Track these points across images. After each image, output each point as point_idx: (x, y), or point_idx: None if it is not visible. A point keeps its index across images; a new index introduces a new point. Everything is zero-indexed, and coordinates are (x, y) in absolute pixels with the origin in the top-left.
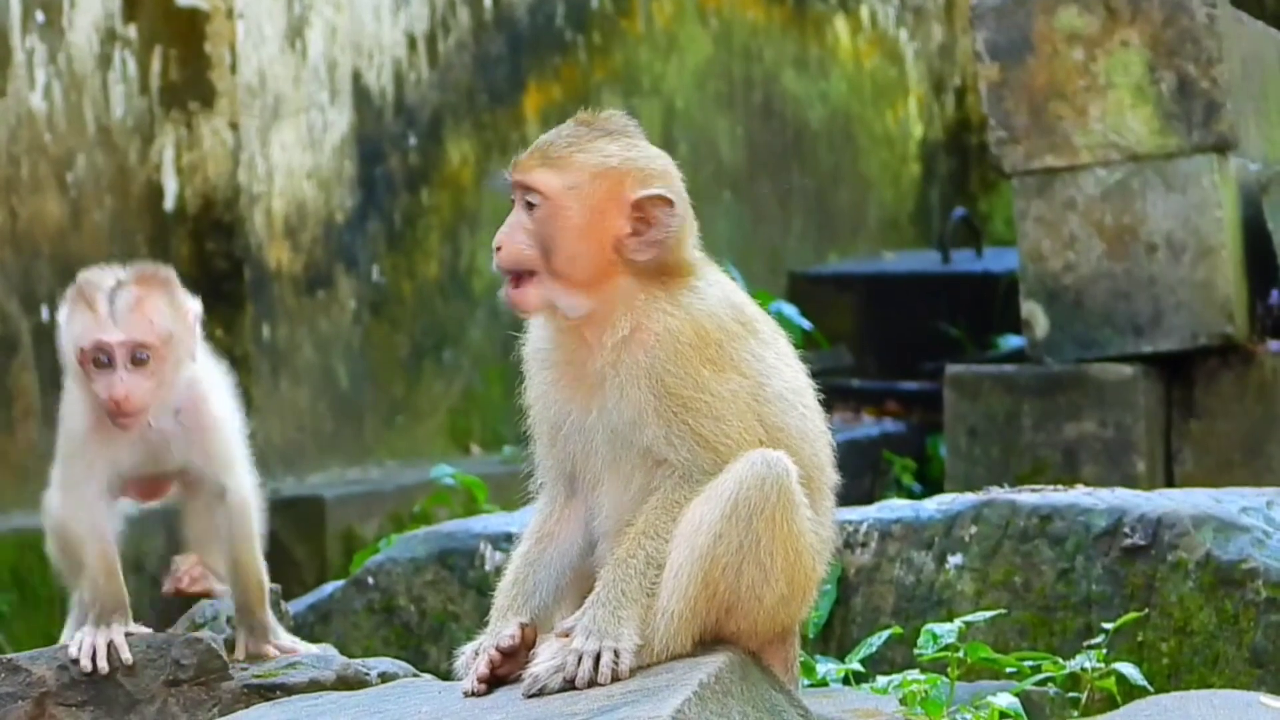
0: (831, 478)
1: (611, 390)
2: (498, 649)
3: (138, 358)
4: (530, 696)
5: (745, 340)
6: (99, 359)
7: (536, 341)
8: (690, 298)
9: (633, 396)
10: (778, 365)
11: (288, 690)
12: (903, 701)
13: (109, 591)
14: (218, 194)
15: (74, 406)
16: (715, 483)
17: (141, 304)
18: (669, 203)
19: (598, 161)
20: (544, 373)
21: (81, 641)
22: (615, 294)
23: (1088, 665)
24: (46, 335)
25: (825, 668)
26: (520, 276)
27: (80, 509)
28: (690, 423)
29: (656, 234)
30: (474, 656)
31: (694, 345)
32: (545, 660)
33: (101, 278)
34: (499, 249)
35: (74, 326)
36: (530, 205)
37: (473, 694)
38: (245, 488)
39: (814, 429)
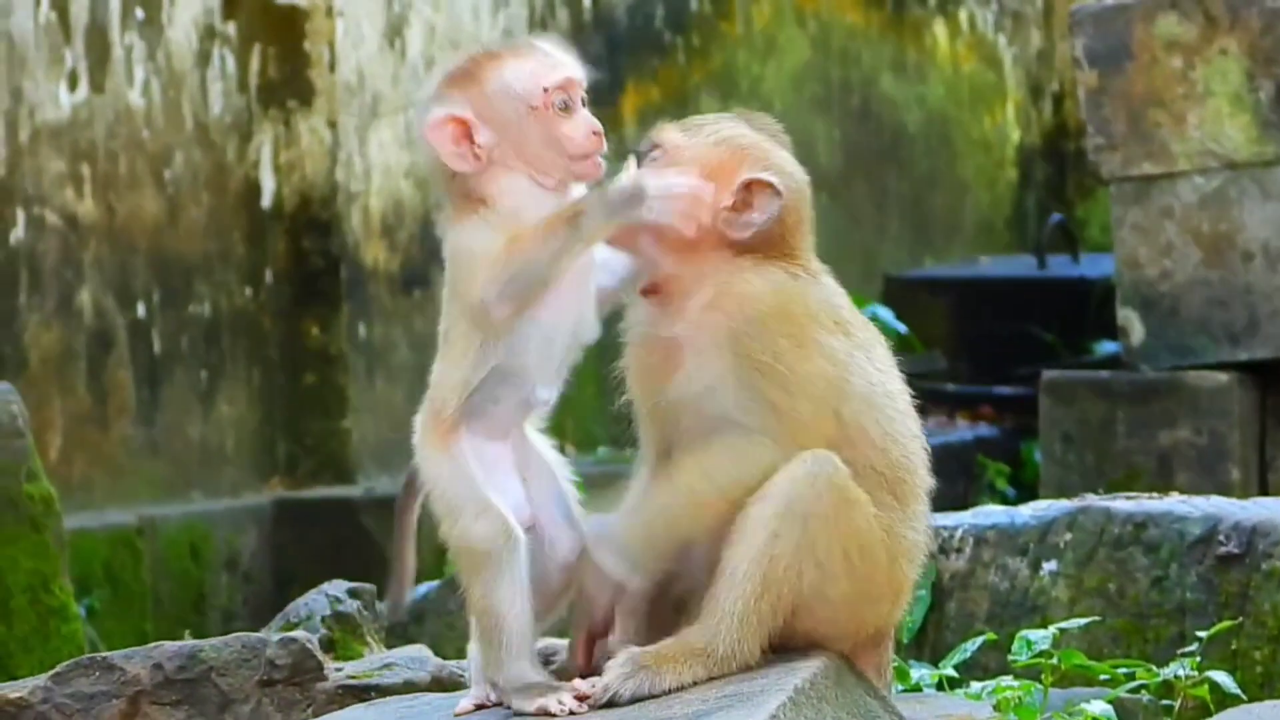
0: (924, 481)
1: (691, 356)
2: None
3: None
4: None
5: (834, 334)
6: (566, 103)
7: (629, 323)
8: (782, 278)
9: (711, 361)
10: (865, 366)
11: (382, 691)
12: (996, 708)
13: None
14: (315, 192)
15: (504, 188)
16: (769, 482)
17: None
18: (776, 192)
19: (724, 135)
20: (634, 349)
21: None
22: (704, 263)
23: (1181, 673)
24: (142, 332)
25: (919, 673)
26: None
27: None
28: (763, 388)
29: (755, 217)
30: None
31: (775, 317)
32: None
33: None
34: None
35: (524, 74)
36: (652, 160)
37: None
38: None
39: (903, 431)
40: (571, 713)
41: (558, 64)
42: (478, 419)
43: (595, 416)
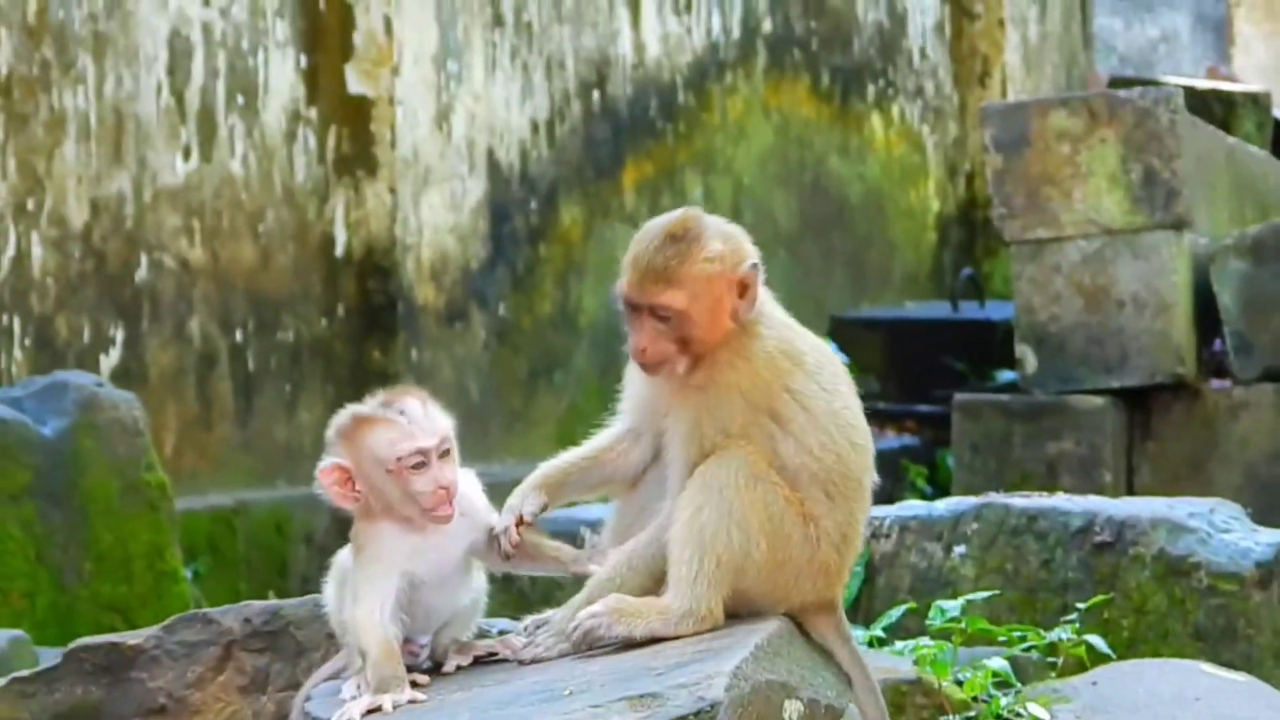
0: (861, 484)
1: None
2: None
3: (444, 451)
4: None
5: (792, 375)
6: (419, 463)
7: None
8: (758, 344)
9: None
10: (816, 392)
11: None
12: (916, 662)
13: (390, 669)
14: (378, 244)
15: (370, 532)
16: (695, 471)
17: (429, 407)
18: (757, 267)
19: (702, 269)
20: (655, 389)
21: (352, 707)
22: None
23: (1064, 636)
24: (240, 354)
25: (855, 634)
26: (663, 363)
27: (376, 620)
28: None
29: (754, 293)
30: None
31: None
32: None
33: (383, 401)
34: (644, 351)
35: (383, 442)
36: (663, 318)
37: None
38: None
39: (841, 442)
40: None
41: (413, 434)
42: None
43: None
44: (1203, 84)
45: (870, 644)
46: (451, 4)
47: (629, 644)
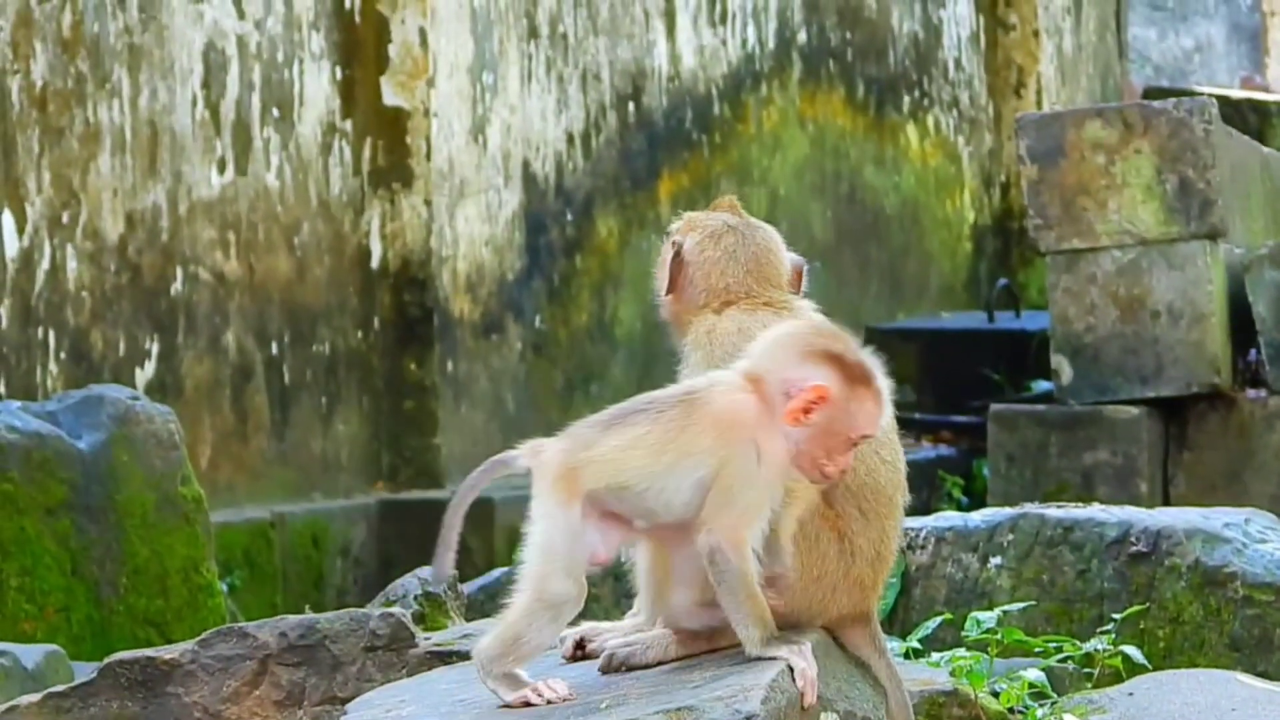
0: (892, 500)
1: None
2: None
3: None
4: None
5: None
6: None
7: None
8: (740, 315)
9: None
10: None
11: (461, 656)
12: (952, 674)
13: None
14: (414, 256)
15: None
16: None
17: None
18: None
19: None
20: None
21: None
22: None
23: (1100, 647)
24: (276, 366)
25: (891, 645)
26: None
27: None
28: None
29: (683, 274)
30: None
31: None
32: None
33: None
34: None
35: (863, 411)
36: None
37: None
38: None
39: (870, 456)
40: (549, 701)
41: (879, 419)
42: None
43: None
44: (1237, 94)
45: (906, 655)
46: (487, 16)
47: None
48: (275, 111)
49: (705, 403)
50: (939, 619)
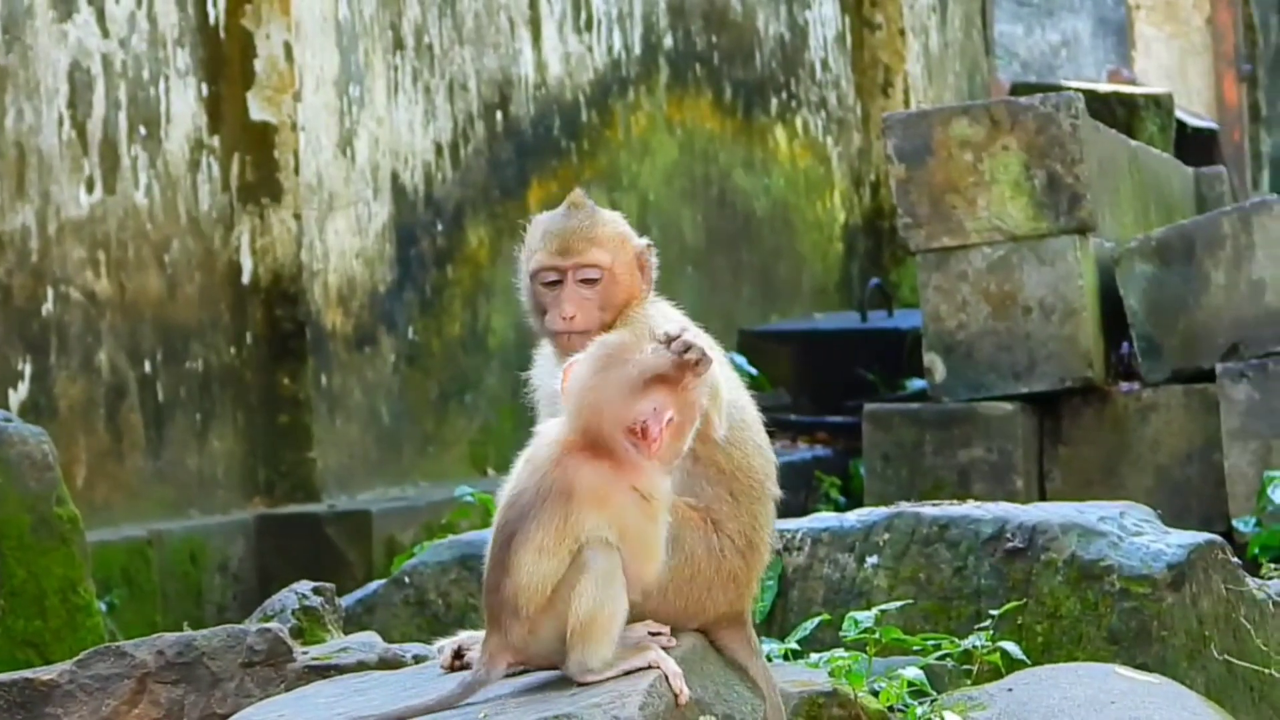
0: (765, 488)
1: None
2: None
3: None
4: None
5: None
6: None
7: (543, 359)
8: (654, 309)
9: None
10: (720, 378)
11: (340, 670)
12: (831, 674)
13: None
14: (285, 270)
15: None
16: None
17: None
18: (651, 246)
19: (614, 230)
20: (554, 381)
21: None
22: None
23: (978, 644)
24: (149, 384)
25: (769, 647)
26: (589, 332)
27: None
28: None
29: (650, 273)
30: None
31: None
32: None
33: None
34: (573, 318)
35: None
36: (588, 280)
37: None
38: None
39: (746, 440)
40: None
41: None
42: None
43: (512, 446)
44: (1105, 88)
45: (785, 656)
46: (352, 28)
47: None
48: (142, 129)
49: (566, 489)
50: (817, 620)
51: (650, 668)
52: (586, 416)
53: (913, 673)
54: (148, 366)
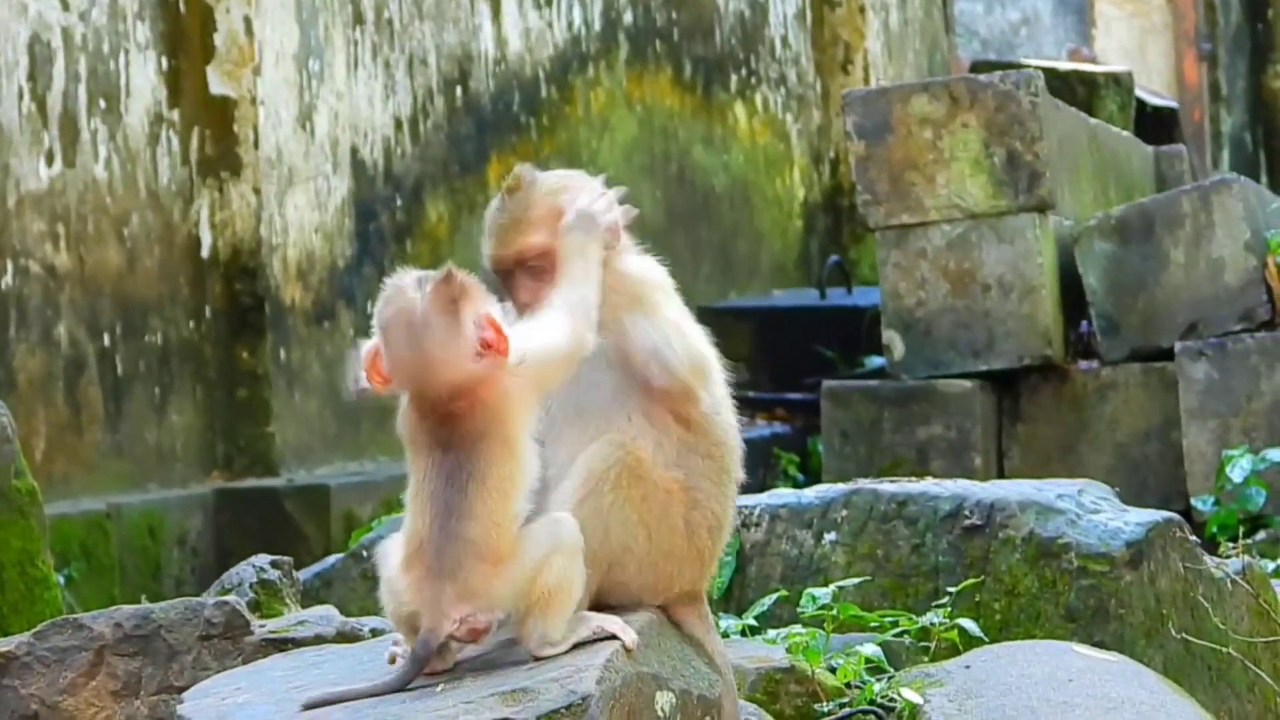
0: (735, 465)
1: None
2: None
3: None
4: None
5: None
6: None
7: None
8: (646, 261)
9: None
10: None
11: (297, 643)
12: (789, 650)
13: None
14: (244, 245)
15: None
16: (574, 462)
17: None
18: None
19: (546, 202)
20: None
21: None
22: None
23: (936, 621)
24: (109, 358)
25: (726, 623)
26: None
27: None
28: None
29: (621, 230)
30: None
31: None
32: None
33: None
34: (528, 305)
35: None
36: (532, 268)
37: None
38: None
39: (725, 411)
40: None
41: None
42: None
43: None
44: (1065, 66)
45: (743, 633)
46: (312, 3)
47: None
48: (102, 103)
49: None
50: (774, 596)
51: (604, 638)
52: (426, 381)
53: (870, 649)
54: (107, 340)
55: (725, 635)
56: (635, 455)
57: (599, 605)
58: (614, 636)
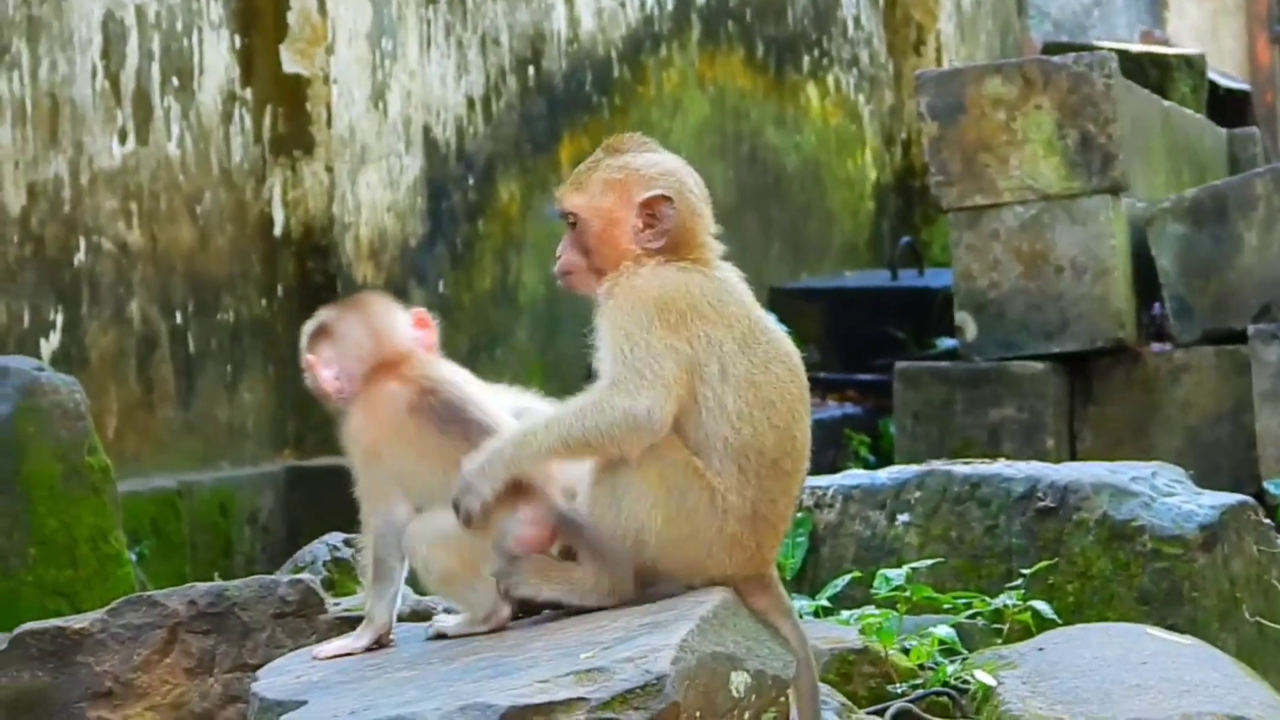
0: (777, 462)
1: (597, 331)
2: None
3: None
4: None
5: (709, 323)
6: None
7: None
8: (672, 273)
9: (600, 334)
10: (735, 354)
11: None
12: (862, 632)
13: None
14: (316, 223)
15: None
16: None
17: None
18: (668, 199)
19: (607, 176)
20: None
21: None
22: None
23: (1009, 603)
24: (180, 336)
25: (800, 604)
26: (571, 274)
27: None
28: (626, 351)
29: (663, 225)
30: None
31: (656, 304)
32: None
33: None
34: (557, 258)
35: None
36: (571, 224)
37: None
38: None
39: (761, 417)
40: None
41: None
42: None
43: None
44: (1137, 48)
45: (816, 614)
46: None
47: (526, 606)
48: (175, 81)
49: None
50: (848, 577)
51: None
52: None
53: (944, 631)
54: (179, 318)
55: (799, 616)
56: (647, 428)
57: (645, 586)
58: None
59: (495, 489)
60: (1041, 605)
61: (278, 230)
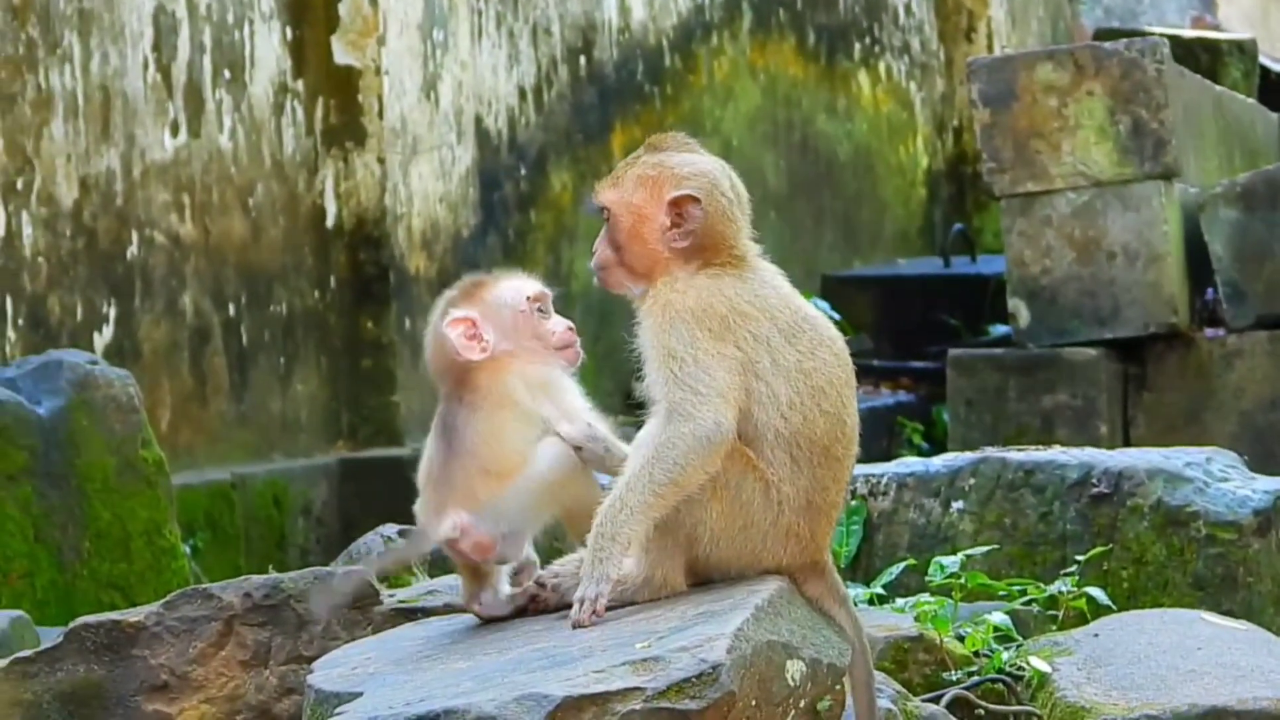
0: (828, 449)
1: (641, 349)
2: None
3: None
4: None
5: (757, 321)
6: (543, 307)
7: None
8: (705, 281)
9: (645, 354)
10: (782, 347)
11: (427, 613)
12: (917, 619)
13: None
14: (368, 214)
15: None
16: (644, 434)
17: None
18: (696, 200)
19: (640, 173)
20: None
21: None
22: (665, 277)
23: (1064, 589)
24: (233, 328)
25: (855, 592)
26: (604, 269)
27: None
28: (675, 370)
29: (689, 225)
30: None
31: (695, 316)
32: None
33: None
34: (593, 253)
35: (510, 289)
36: (606, 219)
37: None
38: None
39: (810, 405)
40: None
41: (530, 282)
42: None
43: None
44: (1188, 33)
45: (870, 601)
46: None
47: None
48: (226, 73)
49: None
50: (902, 564)
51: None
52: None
53: (999, 618)
54: (231, 310)
55: (854, 604)
56: (704, 430)
57: (695, 580)
58: None
59: (615, 575)
60: (1096, 591)
61: (330, 222)
